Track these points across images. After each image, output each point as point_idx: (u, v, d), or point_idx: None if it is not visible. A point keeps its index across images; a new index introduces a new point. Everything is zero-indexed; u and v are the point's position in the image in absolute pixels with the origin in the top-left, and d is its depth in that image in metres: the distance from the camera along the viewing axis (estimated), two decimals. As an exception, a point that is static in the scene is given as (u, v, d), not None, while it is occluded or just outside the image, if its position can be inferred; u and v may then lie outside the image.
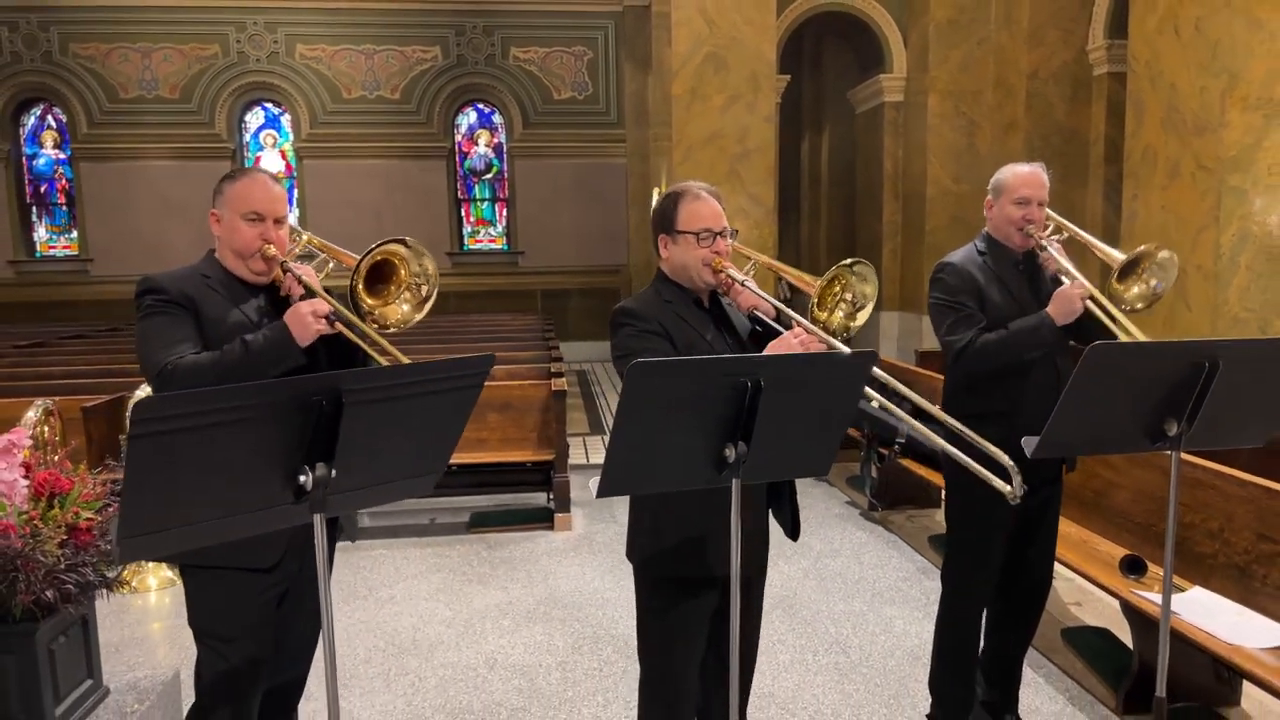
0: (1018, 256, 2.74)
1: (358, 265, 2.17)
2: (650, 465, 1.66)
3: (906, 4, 10.69)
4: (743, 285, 2.11)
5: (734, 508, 1.72)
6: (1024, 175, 2.69)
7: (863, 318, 2.19)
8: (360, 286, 2.18)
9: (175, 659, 3.69)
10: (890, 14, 10.78)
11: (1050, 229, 2.74)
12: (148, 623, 4.19)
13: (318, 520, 1.40)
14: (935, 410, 2.16)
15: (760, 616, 2.33)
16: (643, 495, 2.12)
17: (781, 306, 2.08)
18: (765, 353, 1.98)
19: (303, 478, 1.37)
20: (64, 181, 13.27)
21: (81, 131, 12.86)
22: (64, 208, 13.35)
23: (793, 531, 2.20)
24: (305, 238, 2.49)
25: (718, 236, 2.12)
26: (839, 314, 2.19)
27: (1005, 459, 2.05)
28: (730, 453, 1.66)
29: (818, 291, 2.12)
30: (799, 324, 2.03)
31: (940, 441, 2.15)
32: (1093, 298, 2.56)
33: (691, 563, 2.10)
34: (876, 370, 1.87)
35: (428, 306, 2.28)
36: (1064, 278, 2.64)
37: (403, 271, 2.25)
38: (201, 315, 2.12)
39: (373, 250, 2.18)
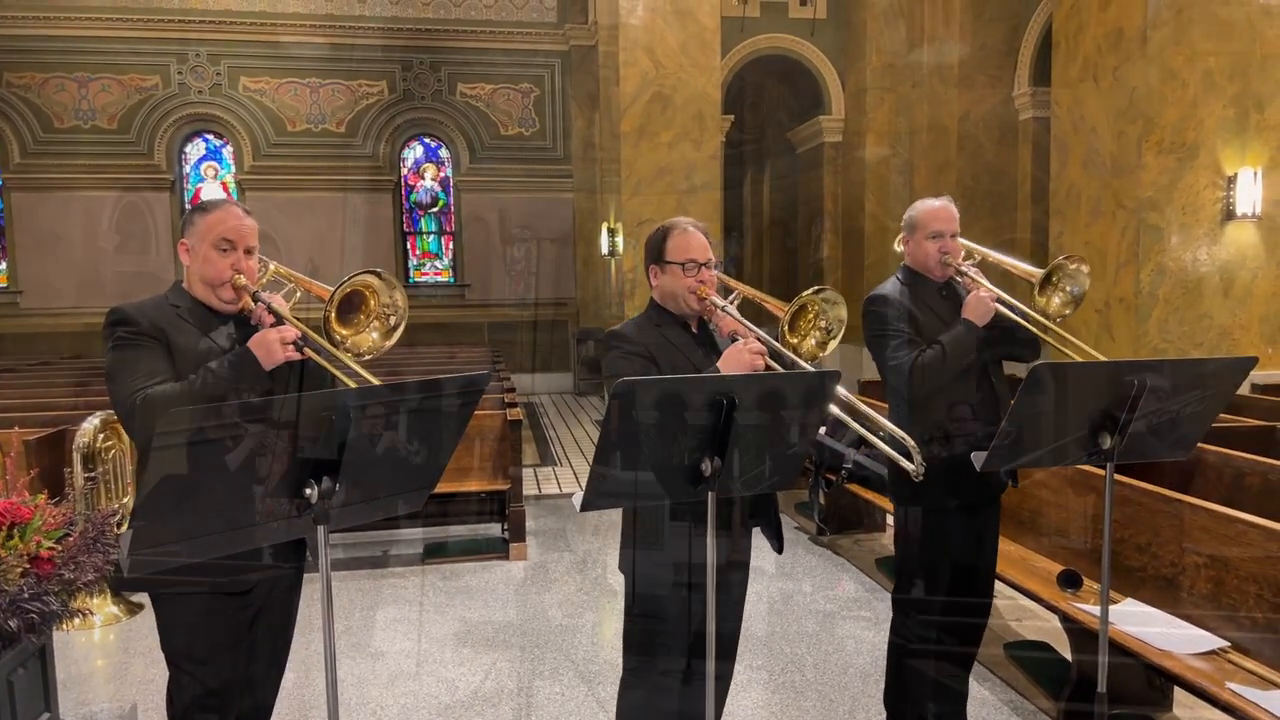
0: (939, 284, 2.90)
1: (332, 295, 2.23)
2: (632, 479, 1.76)
3: (843, 49, 11.14)
4: (724, 311, 2.26)
5: (710, 519, 1.82)
6: (934, 211, 2.84)
7: (833, 346, 2.32)
8: (333, 315, 2.24)
9: (127, 694, 3.62)
10: (829, 58, 11.20)
11: (964, 256, 2.90)
12: (93, 659, 4.10)
13: (321, 533, 1.46)
14: (852, 398, 2.29)
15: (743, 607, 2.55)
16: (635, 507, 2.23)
17: (757, 330, 2.21)
18: (719, 362, 2.12)
19: (308, 491, 1.43)
20: (-7, 212, 12.91)
21: (14, 161, 12.54)
22: (-8, 239, 12.97)
23: (778, 545, 2.41)
24: (273, 267, 2.52)
25: (702, 267, 2.30)
26: (810, 341, 2.34)
27: (908, 439, 2.24)
28: (706, 467, 1.77)
29: (787, 316, 2.26)
30: (755, 334, 2.17)
31: (855, 426, 2.28)
32: (1001, 300, 2.75)
33: (680, 569, 2.22)
34: None
35: (396, 335, 2.34)
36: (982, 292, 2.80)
37: (373, 302, 2.31)
38: (173, 346, 2.13)
39: (345, 282, 2.24)
